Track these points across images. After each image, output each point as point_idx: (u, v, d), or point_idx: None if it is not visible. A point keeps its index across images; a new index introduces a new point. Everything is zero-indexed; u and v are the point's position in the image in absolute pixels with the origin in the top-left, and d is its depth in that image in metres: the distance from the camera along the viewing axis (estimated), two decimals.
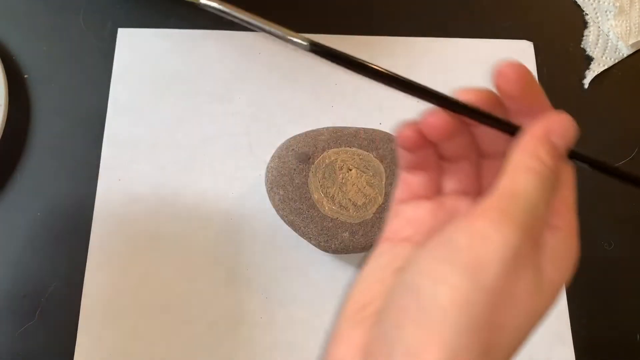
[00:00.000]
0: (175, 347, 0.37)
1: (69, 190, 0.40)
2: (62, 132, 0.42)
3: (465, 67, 0.45)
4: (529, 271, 0.19)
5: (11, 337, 0.37)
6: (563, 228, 0.20)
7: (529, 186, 0.19)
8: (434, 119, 0.22)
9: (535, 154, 0.20)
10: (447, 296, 0.17)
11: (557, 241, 0.20)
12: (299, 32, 0.48)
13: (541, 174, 0.20)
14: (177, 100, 0.43)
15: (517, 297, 0.18)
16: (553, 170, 0.20)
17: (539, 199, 0.19)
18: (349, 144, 0.36)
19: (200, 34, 0.45)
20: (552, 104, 0.48)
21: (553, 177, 0.20)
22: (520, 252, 0.18)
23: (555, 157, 0.21)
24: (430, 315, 0.17)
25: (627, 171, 0.23)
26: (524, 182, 0.19)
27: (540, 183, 0.20)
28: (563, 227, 0.20)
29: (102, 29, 0.45)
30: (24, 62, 0.44)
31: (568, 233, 0.20)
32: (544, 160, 0.20)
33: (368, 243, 0.36)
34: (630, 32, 0.46)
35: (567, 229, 0.21)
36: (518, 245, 0.18)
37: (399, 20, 0.46)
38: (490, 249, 0.18)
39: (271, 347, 0.37)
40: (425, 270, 0.19)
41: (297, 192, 0.36)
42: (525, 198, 0.19)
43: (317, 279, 0.39)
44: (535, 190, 0.19)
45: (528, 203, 0.19)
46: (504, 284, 0.18)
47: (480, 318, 0.17)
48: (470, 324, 0.17)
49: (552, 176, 0.20)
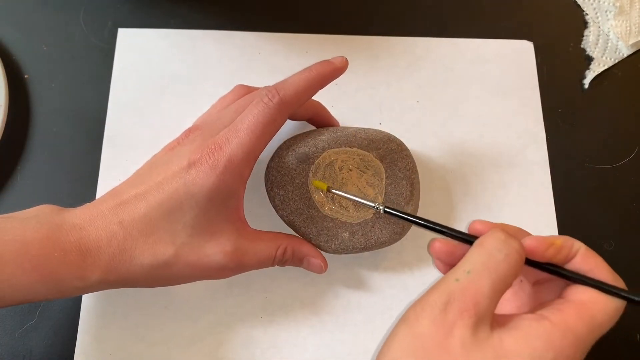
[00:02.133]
0: (175, 347, 0.37)
1: (69, 190, 0.40)
2: (62, 132, 0.42)
3: (465, 67, 0.45)
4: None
5: (11, 337, 0.37)
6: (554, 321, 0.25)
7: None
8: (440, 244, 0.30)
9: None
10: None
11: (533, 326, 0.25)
12: (299, 32, 0.49)
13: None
14: (177, 100, 0.43)
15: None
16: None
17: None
18: (349, 144, 0.36)
19: (200, 34, 0.45)
20: (552, 104, 0.48)
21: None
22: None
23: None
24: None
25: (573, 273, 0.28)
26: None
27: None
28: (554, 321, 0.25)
29: (102, 29, 0.45)
30: (24, 62, 0.44)
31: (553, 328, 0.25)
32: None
33: (368, 243, 0.36)
34: (630, 32, 0.46)
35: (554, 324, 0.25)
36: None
37: (399, 20, 0.46)
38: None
39: (271, 347, 0.37)
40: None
41: (297, 192, 0.36)
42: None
43: (317, 279, 0.39)
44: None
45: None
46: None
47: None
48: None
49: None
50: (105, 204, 0.31)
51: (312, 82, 0.34)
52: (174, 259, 0.31)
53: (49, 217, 0.30)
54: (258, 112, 0.32)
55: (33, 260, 0.28)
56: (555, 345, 0.24)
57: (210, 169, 0.30)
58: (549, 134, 0.43)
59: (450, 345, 0.23)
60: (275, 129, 0.33)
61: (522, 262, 0.26)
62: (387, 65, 0.45)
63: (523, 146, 0.43)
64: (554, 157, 0.43)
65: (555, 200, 0.41)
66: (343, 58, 0.35)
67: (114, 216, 0.31)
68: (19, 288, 0.29)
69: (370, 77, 0.44)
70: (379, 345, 0.37)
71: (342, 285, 0.39)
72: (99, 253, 0.30)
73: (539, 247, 0.27)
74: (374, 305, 0.38)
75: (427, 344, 0.24)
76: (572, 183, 0.42)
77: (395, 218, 0.35)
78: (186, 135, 0.34)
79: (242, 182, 0.32)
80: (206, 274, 0.33)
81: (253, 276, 0.38)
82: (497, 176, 0.42)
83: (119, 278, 0.31)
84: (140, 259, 0.30)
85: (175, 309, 0.38)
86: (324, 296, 0.38)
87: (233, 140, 0.31)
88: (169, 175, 0.31)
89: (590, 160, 0.43)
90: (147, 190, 0.31)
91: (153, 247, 0.31)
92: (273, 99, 0.32)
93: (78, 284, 0.30)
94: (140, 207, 0.31)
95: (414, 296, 0.39)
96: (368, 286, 0.39)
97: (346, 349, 0.37)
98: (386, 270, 0.39)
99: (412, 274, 0.39)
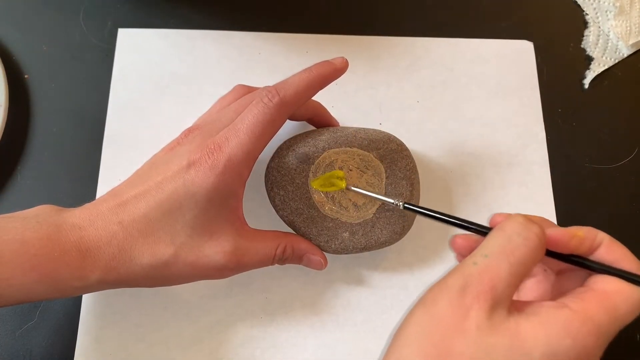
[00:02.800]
0: (175, 347, 0.37)
1: (69, 190, 0.40)
2: (62, 132, 0.42)
3: (465, 67, 0.45)
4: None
5: (11, 337, 0.37)
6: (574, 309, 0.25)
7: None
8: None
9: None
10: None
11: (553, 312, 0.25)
12: (299, 32, 0.49)
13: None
14: (177, 100, 0.43)
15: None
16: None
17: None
18: (349, 144, 0.36)
19: (200, 34, 0.45)
20: (552, 103, 0.48)
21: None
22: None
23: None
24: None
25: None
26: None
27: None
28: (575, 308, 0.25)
29: (102, 29, 0.45)
30: (24, 62, 0.44)
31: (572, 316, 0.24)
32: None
33: (368, 243, 0.36)
34: (630, 32, 0.46)
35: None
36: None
37: (399, 20, 0.46)
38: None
39: (271, 347, 0.37)
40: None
41: (297, 193, 0.36)
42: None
43: (317, 278, 0.39)
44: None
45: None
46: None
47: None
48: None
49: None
50: (105, 204, 0.31)
51: (312, 82, 0.34)
52: (174, 258, 0.31)
53: (49, 217, 0.31)
54: (258, 112, 0.32)
55: (32, 260, 0.29)
56: (573, 332, 0.23)
57: (209, 169, 0.30)
58: (549, 134, 0.43)
59: (465, 327, 0.23)
60: (275, 129, 0.33)
61: (542, 248, 0.26)
62: (387, 66, 0.45)
63: (523, 146, 0.43)
64: (553, 157, 0.43)
65: (555, 200, 0.41)
66: (343, 59, 0.35)
67: (113, 216, 0.31)
68: (19, 288, 0.29)
69: (370, 77, 0.44)
70: (380, 344, 0.37)
71: (342, 285, 0.39)
72: (98, 253, 0.30)
73: (562, 238, 0.27)
74: (374, 305, 0.38)
75: (442, 325, 0.24)
76: (572, 183, 0.42)
77: (412, 213, 0.35)
78: (186, 135, 0.34)
79: (241, 182, 0.32)
80: (206, 274, 0.33)
81: (253, 276, 0.38)
82: (497, 176, 0.42)
83: (119, 278, 0.31)
84: (140, 259, 0.31)
85: (175, 309, 0.38)
86: (324, 296, 0.38)
87: (232, 140, 0.31)
88: (169, 175, 0.31)
89: (590, 160, 0.43)
90: (146, 190, 0.31)
91: (152, 247, 0.31)
92: (273, 99, 0.32)
93: (77, 284, 0.30)
94: (140, 207, 0.31)
95: (414, 296, 0.39)
96: (368, 286, 0.39)
97: (346, 348, 0.37)
98: (386, 270, 0.39)
99: (412, 274, 0.39)
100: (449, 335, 0.23)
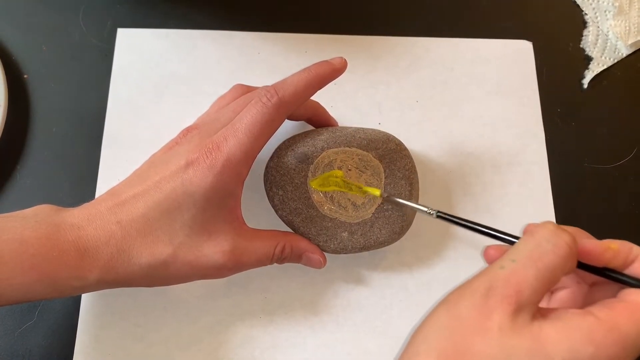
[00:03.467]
0: (175, 347, 0.37)
1: (68, 190, 0.40)
2: (62, 132, 0.42)
3: (465, 67, 0.45)
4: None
5: (10, 336, 0.37)
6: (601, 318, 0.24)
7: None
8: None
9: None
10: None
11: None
12: (298, 32, 0.49)
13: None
14: (177, 100, 0.43)
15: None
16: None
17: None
18: (348, 143, 0.36)
19: (200, 34, 0.45)
20: (551, 103, 0.48)
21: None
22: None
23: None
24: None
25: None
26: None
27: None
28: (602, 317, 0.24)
29: (102, 29, 0.45)
30: (24, 62, 0.44)
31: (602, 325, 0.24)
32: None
33: (367, 243, 0.36)
34: (629, 32, 0.46)
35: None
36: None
37: (399, 20, 0.46)
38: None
39: (271, 347, 0.37)
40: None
41: (296, 192, 0.36)
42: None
43: (317, 278, 0.39)
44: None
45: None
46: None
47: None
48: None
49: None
50: (104, 203, 0.31)
51: (311, 82, 0.34)
52: (172, 258, 0.31)
53: (48, 217, 0.31)
54: (256, 111, 0.32)
55: (31, 259, 0.29)
56: (597, 340, 0.23)
57: (208, 168, 0.30)
58: (548, 134, 0.43)
59: (487, 329, 0.23)
60: (274, 129, 0.33)
61: (573, 257, 0.25)
62: (386, 65, 0.45)
63: (523, 146, 0.43)
64: (553, 157, 0.43)
65: (555, 200, 0.41)
66: (342, 59, 0.35)
67: (112, 216, 0.31)
68: (17, 287, 0.29)
69: (369, 77, 0.44)
70: (380, 344, 0.37)
71: (342, 284, 0.39)
72: (97, 253, 0.30)
73: (595, 250, 0.26)
74: (373, 305, 0.38)
75: (464, 326, 0.23)
76: (571, 183, 0.42)
77: (445, 222, 0.34)
78: (184, 135, 0.34)
79: (239, 181, 0.32)
80: (204, 274, 0.33)
81: (252, 275, 0.38)
82: (497, 176, 0.42)
83: (117, 278, 0.31)
84: (139, 259, 0.31)
85: (174, 309, 0.38)
86: (323, 296, 0.38)
87: (231, 140, 0.31)
88: (167, 175, 0.31)
89: (589, 160, 0.43)
90: (145, 190, 0.31)
91: (151, 247, 0.31)
92: (272, 98, 0.32)
93: (76, 284, 0.30)
94: (139, 206, 0.31)
95: (414, 296, 0.39)
96: (367, 286, 0.39)
97: (346, 348, 0.37)
98: (385, 270, 0.39)
99: (411, 274, 0.39)
100: (469, 334, 0.23)
